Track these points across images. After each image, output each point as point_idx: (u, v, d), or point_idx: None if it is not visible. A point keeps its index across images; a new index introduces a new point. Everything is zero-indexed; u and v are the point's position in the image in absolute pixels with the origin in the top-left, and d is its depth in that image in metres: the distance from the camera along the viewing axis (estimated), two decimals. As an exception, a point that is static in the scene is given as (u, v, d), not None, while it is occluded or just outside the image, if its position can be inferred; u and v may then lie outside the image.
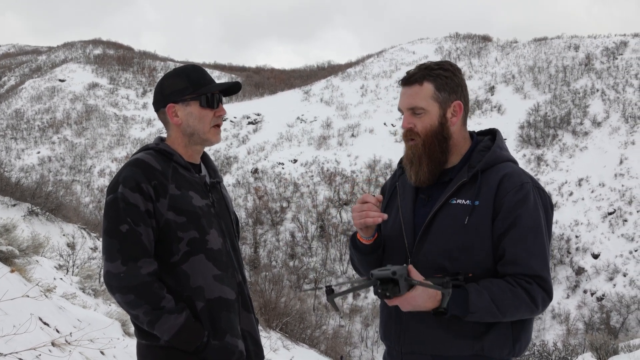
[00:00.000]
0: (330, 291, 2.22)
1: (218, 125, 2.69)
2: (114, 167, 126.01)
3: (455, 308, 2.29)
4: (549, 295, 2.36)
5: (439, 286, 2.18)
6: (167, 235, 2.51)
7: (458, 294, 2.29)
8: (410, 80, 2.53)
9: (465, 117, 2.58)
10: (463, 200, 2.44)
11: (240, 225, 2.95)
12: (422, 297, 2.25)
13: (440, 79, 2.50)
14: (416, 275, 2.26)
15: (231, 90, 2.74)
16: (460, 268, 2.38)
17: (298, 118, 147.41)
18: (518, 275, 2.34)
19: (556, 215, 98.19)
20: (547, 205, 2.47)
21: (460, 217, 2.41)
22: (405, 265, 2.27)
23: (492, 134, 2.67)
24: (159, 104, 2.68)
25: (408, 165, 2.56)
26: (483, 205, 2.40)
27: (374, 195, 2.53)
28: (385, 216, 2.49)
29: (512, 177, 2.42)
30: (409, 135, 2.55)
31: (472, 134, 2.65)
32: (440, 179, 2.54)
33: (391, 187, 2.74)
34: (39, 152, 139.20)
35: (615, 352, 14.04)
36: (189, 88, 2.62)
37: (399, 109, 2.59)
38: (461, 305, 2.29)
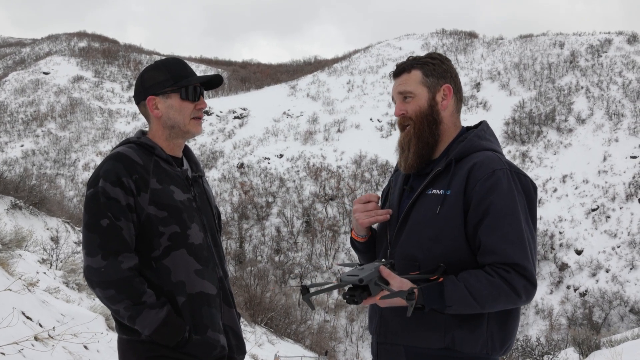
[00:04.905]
0: (305, 290, 2.25)
1: (199, 118, 2.68)
2: (99, 161, 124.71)
3: (432, 303, 2.27)
4: (531, 283, 2.29)
5: (402, 296, 2.15)
6: (148, 229, 2.50)
7: (433, 288, 2.27)
8: (399, 70, 2.58)
9: (458, 104, 2.59)
10: (437, 190, 2.44)
11: (222, 220, 2.95)
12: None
13: (427, 65, 2.54)
14: (388, 275, 2.25)
15: (212, 83, 2.73)
16: (432, 258, 2.37)
17: (284, 113, 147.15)
18: (496, 264, 2.29)
19: (540, 212, 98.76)
20: (528, 190, 2.41)
21: (433, 207, 2.42)
22: (376, 266, 2.26)
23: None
24: (140, 97, 2.67)
25: (399, 152, 2.59)
26: (453, 195, 2.39)
27: (376, 195, 2.60)
28: (391, 211, 2.57)
29: (483, 165, 2.39)
30: (403, 122, 2.57)
31: (462, 127, 2.65)
32: (424, 170, 2.55)
33: (389, 182, 2.80)
34: (22, 146, 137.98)
35: (597, 347, 14.18)
36: (170, 80, 2.61)
37: (392, 99, 2.63)
38: (437, 300, 2.27)
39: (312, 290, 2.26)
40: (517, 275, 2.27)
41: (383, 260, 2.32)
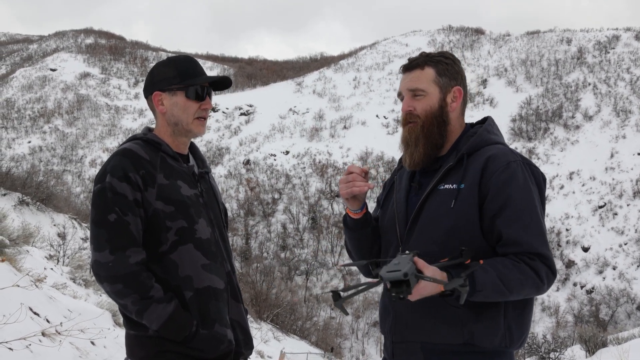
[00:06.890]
0: (337, 296, 2.14)
1: (203, 118, 2.69)
2: (105, 158, 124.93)
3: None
4: (552, 271, 2.34)
5: (454, 284, 2.09)
6: (156, 224, 2.51)
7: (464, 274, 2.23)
8: (411, 65, 2.55)
9: (464, 106, 2.58)
10: (450, 185, 2.43)
11: (228, 216, 2.96)
12: (431, 285, 2.19)
13: (441, 64, 2.52)
14: (423, 266, 2.18)
15: (221, 84, 2.74)
16: (448, 252, 2.34)
17: (290, 109, 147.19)
18: (520, 254, 2.32)
19: (547, 208, 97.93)
20: (539, 182, 2.47)
21: (447, 201, 2.41)
22: (410, 256, 2.16)
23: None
24: (148, 91, 2.70)
25: (404, 148, 2.56)
26: (468, 188, 2.39)
27: (359, 167, 2.54)
28: (372, 185, 2.53)
29: (497, 157, 2.40)
30: (408, 118, 2.54)
31: (466, 124, 2.64)
32: (432, 166, 2.54)
33: (390, 181, 2.76)
34: (29, 142, 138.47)
35: (604, 345, 14.14)
36: (177, 77, 2.63)
37: (399, 94, 2.60)
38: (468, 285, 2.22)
39: (344, 295, 2.15)
40: (540, 263, 2.32)
41: (407, 252, 2.22)
